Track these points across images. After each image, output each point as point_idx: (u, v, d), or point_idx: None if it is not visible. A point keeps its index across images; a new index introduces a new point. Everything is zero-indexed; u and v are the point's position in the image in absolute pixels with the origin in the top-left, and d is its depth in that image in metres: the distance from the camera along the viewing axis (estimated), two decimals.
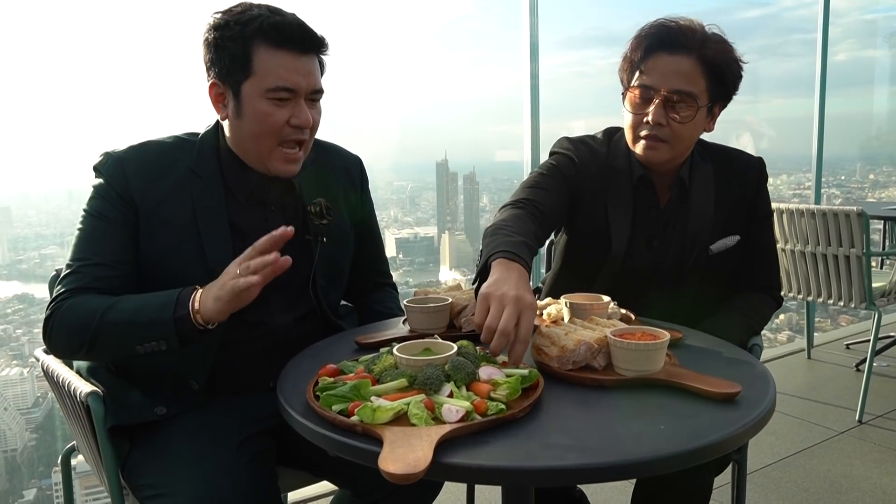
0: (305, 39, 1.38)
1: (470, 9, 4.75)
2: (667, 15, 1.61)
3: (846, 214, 3.07)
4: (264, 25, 1.35)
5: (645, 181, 1.70)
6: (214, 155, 1.48)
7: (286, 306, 1.54)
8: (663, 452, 0.92)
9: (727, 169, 1.72)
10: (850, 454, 2.88)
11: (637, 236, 1.70)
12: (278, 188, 1.51)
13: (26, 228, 3.73)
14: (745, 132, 5.68)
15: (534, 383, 1.10)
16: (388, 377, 1.09)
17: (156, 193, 1.42)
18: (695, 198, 1.69)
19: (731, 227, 1.69)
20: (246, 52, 1.36)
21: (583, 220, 1.74)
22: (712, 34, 1.60)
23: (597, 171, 1.72)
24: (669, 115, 1.57)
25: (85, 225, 1.41)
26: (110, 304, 1.30)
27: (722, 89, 1.61)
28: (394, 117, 4.16)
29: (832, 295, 3.25)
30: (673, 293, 1.69)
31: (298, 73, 1.38)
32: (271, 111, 1.38)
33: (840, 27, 5.50)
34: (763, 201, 1.73)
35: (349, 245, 1.65)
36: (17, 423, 3.28)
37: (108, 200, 1.41)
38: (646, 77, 1.59)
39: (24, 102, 3.03)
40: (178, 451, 1.36)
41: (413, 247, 5.06)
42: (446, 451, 0.92)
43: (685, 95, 1.56)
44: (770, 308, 1.74)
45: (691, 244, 1.68)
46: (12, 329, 3.44)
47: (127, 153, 1.44)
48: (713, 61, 1.57)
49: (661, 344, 1.16)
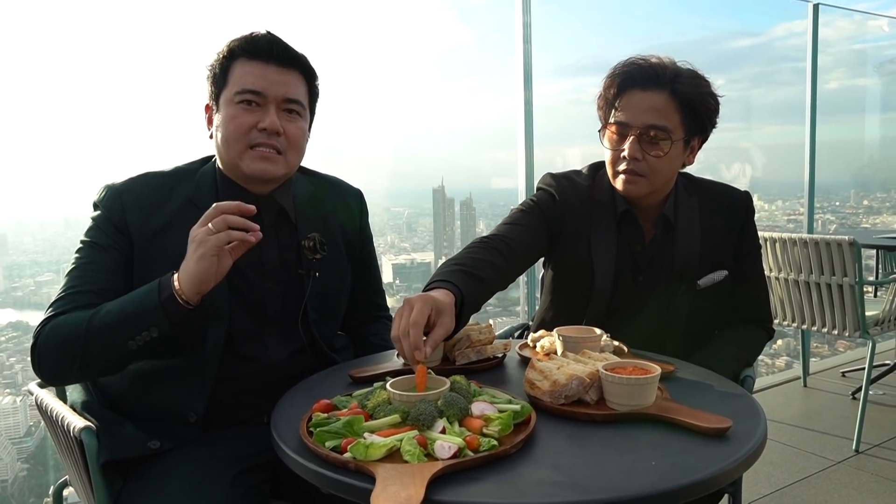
0: (275, 50, 1.45)
1: (467, 38, 4.80)
2: (639, 53, 1.65)
3: (838, 244, 3.10)
4: (240, 41, 1.46)
5: (628, 216, 1.71)
6: (213, 185, 1.50)
7: (280, 341, 1.54)
8: (654, 489, 0.92)
9: (713, 203, 1.74)
10: (847, 484, 2.87)
11: (622, 271, 1.71)
12: (271, 217, 1.52)
13: (22, 255, 3.68)
14: (738, 159, 5.73)
15: (526, 419, 1.11)
16: (382, 413, 1.09)
17: (153, 225, 1.44)
18: (680, 233, 1.70)
19: (718, 261, 1.70)
20: (226, 67, 1.46)
21: (566, 255, 1.76)
22: (685, 70, 1.63)
23: (579, 206, 1.73)
24: (645, 150, 1.60)
25: (79, 254, 1.43)
26: (94, 312, 1.31)
27: (697, 123, 1.64)
28: (391, 144, 4.19)
29: (826, 323, 3.27)
30: (662, 328, 1.70)
31: (266, 80, 1.43)
32: (238, 114, 1.43)
33: (831, 56, 5.58)
34: (750, 235, 1.75)
35: (345, 279, 1.65)
36: (9, 453, 3.22)
37: (103, 231, 1.43)
38: (621, 114, 1.62)
39: (21, 129, 3.05)
40: (171, 486, 1.35)
41: (410, 273, 5.06)
42: (438, 488, 0.92)
43: (659, 130, 1.59)
44: (762, 340, 1.75)
45: (678, 279, 1.69)
46: (5, 357, 3.38)
47: (126, 185, 1.47)
48: (685, 95, 1.59)
49: (652, 378, 1.17)
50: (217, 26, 3.03)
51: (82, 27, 3.02)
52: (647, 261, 1.72)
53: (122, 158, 3.05)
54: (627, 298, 1.71)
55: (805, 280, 3.28)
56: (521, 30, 3.27)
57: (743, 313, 1.75)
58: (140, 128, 3.11)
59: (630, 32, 5.30)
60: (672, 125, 1.60)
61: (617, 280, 1.70)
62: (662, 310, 1.70)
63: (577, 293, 1.75)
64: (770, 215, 5.86)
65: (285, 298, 1.54)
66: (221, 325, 1.44)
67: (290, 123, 1.46)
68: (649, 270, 1.72)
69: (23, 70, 2.97)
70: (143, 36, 3.07)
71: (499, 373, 1.47)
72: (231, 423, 1.49)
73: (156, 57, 3.09)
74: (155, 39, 3.08)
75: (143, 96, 3.12)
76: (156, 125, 3.10)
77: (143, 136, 3.09)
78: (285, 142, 1.45)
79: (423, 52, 4.28)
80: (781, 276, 3.38)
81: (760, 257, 1.81)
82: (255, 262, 1.50)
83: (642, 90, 1.60)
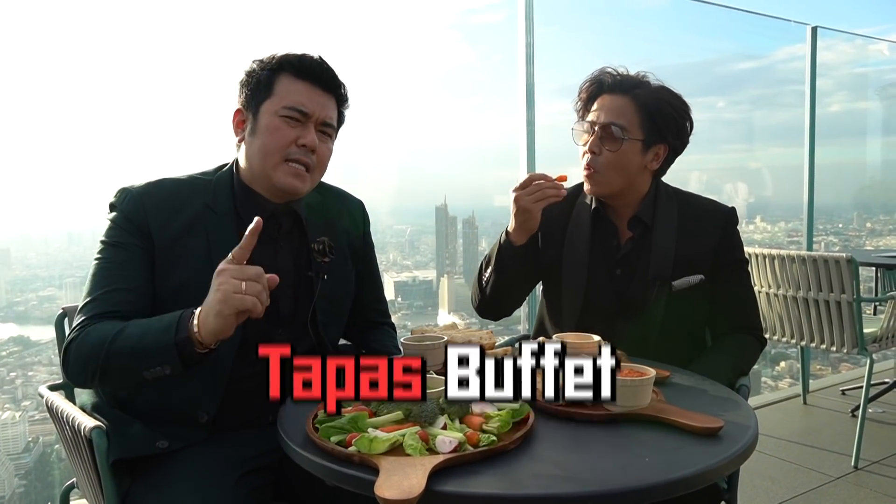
0: (323, 75, 1.53)
1: (471, 58, 4.87)
2: (609, 66, 1.84)
3: (836, 260, 3.14)
4: (290, 58, 1.52)
5: (599, 214, 1.86)
6: (230, 192, 1.56)
7: (289, 342, 1.58)
8: (647, 482, 0.96)
9: (694, 212, 1.85)
10: (846, 500, 2.89)
11: (597, 263, 1.83)
12: (289, 222, 1.58)
13: (25, 270, 3.70)
14: (740, 180, 5.79)
15: (524, 417, 1.15)
16: (385, 410, 1.13)
17: (173, 229, 1.48)
18: (657, 235, 1.81)
19: (694, 266, 1.79)
20: (271, 79, 1.51)
21: (547, 254, 1.88)
22: (654, 82, 1.81)
23: (559, 211, 1.86)
24: (603, 145, 1.77)
25: (102, 255, 1.46)
26: (119, 330, 1.34)
27: (656, 128, 1.77)
28: (394, 162, 4.24)
29: (824, 340, 3.29)
30: (640, 329, 1.78)
31: (312, 101, 1.51)
32: (281, 126, 1.49)
33: (833, 79, 5.65)
34: (732, 246, 1.84)
35: (350, 284, 1.70)
36: (6, 468, 3.21)
37: (126, 231, 1.46)
38: (590, 114, 1.81)
39: (25, 144, 3.10)
40: (178, 485, 1.39)
41: (412, 290, 5.09)
42: (439, 480, 0.96)
43: (617, 127, 1.75)
44: (755, 348, 1.81)
45: (654, 279, 1.78)
46: (6, 372, 3.39)
47: (144, 189, 1.51)
48: (644, 101, 1.76)
49: (647, 380, 1.21)
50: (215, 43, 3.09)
51: (81, 45, 3.08)
52: (622, 257, 1.83)
53: (125, 174, 3.08)
54: (605, 292, 1.81)
55: (804, 297, 3.31)
56: (524, 50, 3.33)
57: (734, 323, 1.82)
58: (143, 144, 3.16)
59: (632, 54, 5.38)
60: (629, 125, 1.75)
61: (592, 271, 1.82)
62: (640, 307, 1.79)
63: (557, 289, 1.86)
64: (773, 237, 5.89)
65: (297, 301, 1.59)
66: (237, 330, 1.47)
67: (323, 144, 1.54)
68: (626, 265, 1.83)
69: (27, 88, 3.03)
70: (144, 53, 3.13)
71: None
72: (238, 424, 1.53)
73: (158, 77, 3.15)
74: (155, 58, 3.14)
75: (145, 112, 3.17)
76: (159, 141, 3.15)
77: (145, 152, 3.14)
78: (315, 160, 1.52)
79: (427, 71, 4.35)
80: (780, 292, 3.41)
81: (747, 269, 1.89)
82: (272, 266, 1.55)
83: (609, 94, 1.79)
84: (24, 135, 3.09)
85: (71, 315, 1.76)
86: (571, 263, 1.84)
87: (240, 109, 1.55)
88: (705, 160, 5.92)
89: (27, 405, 3.35)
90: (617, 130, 1.75)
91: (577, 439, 1.13)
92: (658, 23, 5.39)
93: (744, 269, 1.87)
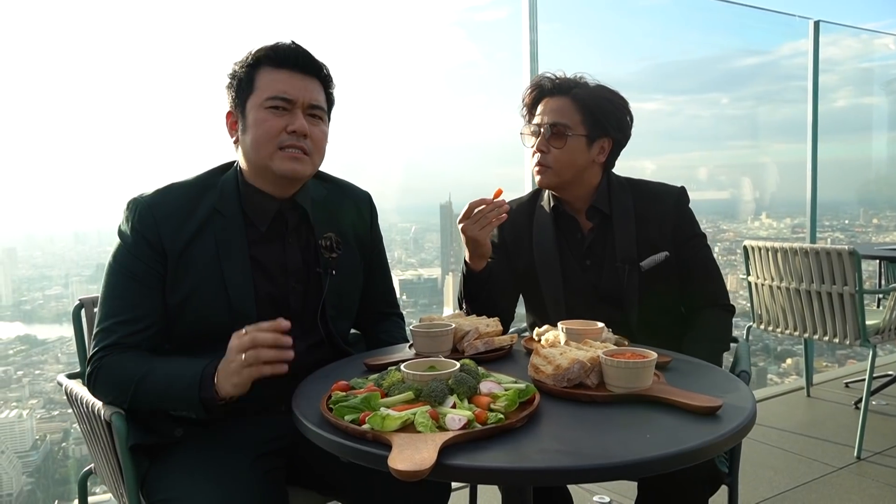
0: (300, 60, 1.55)
1: (475, 55, 4.89)
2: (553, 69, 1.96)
3: (838, 253, 3.17)
4: (266, 50, 1.54)
5: (558, 211, 1.97)
6: (236, 192, 1.58)
7: (298, 335, 1.61)
8: (647, 456, 1.00)
9: (646, 197, 1.95)
10: (848, 490, 2.92)
11: (567, 259, 1.95)
12: (294, 218, 1.61)
13: (31, 269, 3.65)
14: (745, 177, 5.81)
15: (530, 397, 1.19)
16: (396, 391, 1.18)
17: (184, 235, 1.50)
18: (616, 222, 1.93)
19: (656, 246, 1.89)
20: (251, 75, 1.54)
21: (521, 258, 1.99)
22: (591, 83, 1.92)
23: (522, 218, 2.01)
24: (550, 144, 1.88)
25: (114, 279, 1.50)
26: (143, 375, 1.41)
27: (597, 124, 1.88)
28: (398, 160, 4.27)
29: (827, 332, 3.33)
30: (620, 309, 1.88)
31: (294, 87, 1.53)
32: (268, 117, 1.52)
33: (838, 74, 5.66)
34: (687, 222, 1.95)
35: (358, 277, 1.74)
36: (14, 466, 3.20)
37: (135, 255, 1.49)
38: (535, 118, 1.93)
39: (30, 143, 3.12)
40: (194, 466, 1.45)
41: (417, 288, 5.12)
42: (450, 455, 1.01)
43: (561, 126, 1.87)
44: (725, 319, 1.92)
45: (623, 263, 1.89)
46: (13, 370, 3.38)
47: (154, 198, 1.53)
48: (583, 99, 1.88)
49: (649, 362, 1.26)
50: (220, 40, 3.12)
51: (85, 43, 3.10)
52: (589, 246, 1.94)
53: (130, 173, 3.08)
54: (579, 284, 1.92)
55: (806, 289, 3.34)
56: (528, 48, 3.37)
57: (699, 298, 1.93)
58: (148, 143, 3.18)
59: (635, 51, 5.41)
60: (572, 123, 1.87)
61: (564, 266, 1.94)
62: (616, 291, 1.89)
63: (538, 292, 1.96)
64: (778, 233, 5.91)
65: (306, 296, 1.63)
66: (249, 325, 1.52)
67: (315, 127, 1.56)
68: (593, 255, 1.93)
69: (31, 87, 3.06)
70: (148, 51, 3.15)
71: (505, 362, 1.55)
72: (252, 411, 1.57)
73: (162, 76, 3.17)
74: (159, 56, 3.16)
75: (150, 111, 3.19)
76: (163, 140, 3.17)
77: (151, 151, 3.16)
78: (311, 144, 1.55)
79: (431, 69, 4.37)
80: (783, 285, 3.45)
81: (706, 244, 1.99)
82: (281, 264, 1.59)
83: (550, 97, 1.91)
84: (30, 134, 3.12)
85: (88, 307, 1.81)
86: (544, 265, 1.95)
87: (230, 112, 1.58)
88: (709, 157, 5.95)
89: (34, 403, 3.37)
90: (561, 129, 1.86)
91: (580, 418, 1.17)
92: (661, 19, 5.41)
93: (703, 243, 1.98)
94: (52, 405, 3.34)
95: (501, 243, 2.00)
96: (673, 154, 5.40)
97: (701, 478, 1.60)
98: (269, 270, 1.58)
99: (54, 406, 3.34)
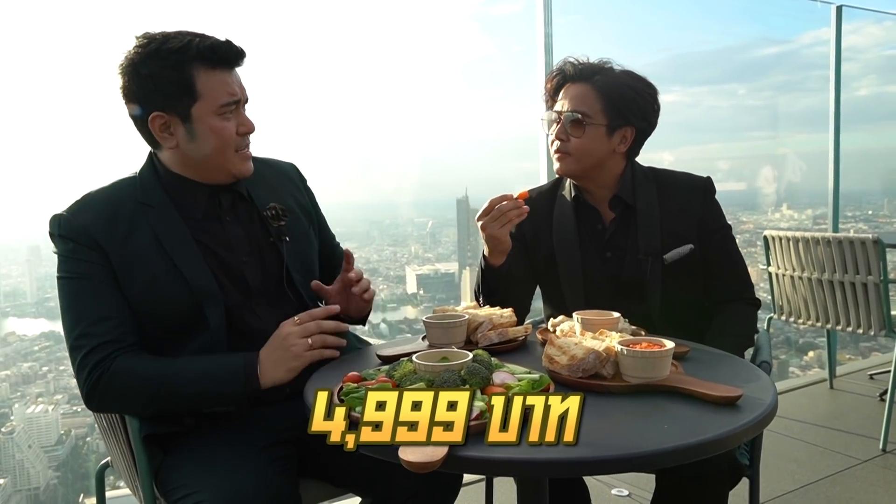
0: (232, 56, 1.49)
1: (490, 49, 4.87)
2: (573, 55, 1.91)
3: (862, 241, 3.11)
4: (201, 49, 1.44)
5: (580, 201, 1.93)
6: (158, 184, 1.56)
7: (270, 309, 1.61)
8: (664, 447, 0.98)
9: (671, 188, 1.91)
10: (874, 483, 2.87)
11: (587, 250, 1.91)
12: (228, 199, 1.60)
13: (55, 267, 3.79)
14: (765, 166, 5.73)
15: (545, 388, 1.17)
16: (408, 381, 1.16)
17: (117, 234, 1.49)
18: (640, 214, 1.88)
19: (681, 238, 1.85)
20: (186, 77, 1.44)
21: (542, 248, 1.95)
22: (610, 68, 1.88)
23: (546, 205, 1.97)
24: (570, 132, 1.84)
25: (67, 289, 1.48)
26: (168, 375, 1.42)
27: (618, 112, 1.83)
28: (415, 155, 4.26)
29: (850, 322, 3.26)
30: (642, 306, 1.83)
31: (237, 86, 1.51)
32: (224, 125, 1.49)
33: (861, 63, 5.55)
34: (713, 214, 1.90)
35: (313, 241, 1.74)
36: (41, 460, 3.25)
37: (79, 258, 1.47)
38: (556, 104, 1.89)
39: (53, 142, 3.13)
40: (206, 455, 1.45)
41: (433, 283, 5.11)
42: (461, 446, 0.99)
43: (580, 114, 1.83)
44: (751, 314, 1.87)
45: (646, 255, 1.84)
46: (38, 366, 3.44)
47: (74, 209, 1.52)
48: (604, 86, 1.83)
49: (666, 352, 1.23)
50: None
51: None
52: (610, 237, 1.90)
53: None
54: (600, 276, 1.88)
55: (829, 279, 3.28)
56: (543, 41, 3.35)
57: (724, 292, 1.88)
58: None
59: (652, 42, 5.35)
60: (592, 111, 1.83)
61: (584, 258, 1.90)
62: (637, 284, 1.85)
63: (557, 283, 1.93)
64: (800, 224, 5.83)
65: (264, 268, 1.62)
66: (218, 301, 1.52)
67: (250, 119, 1.55)
68: (615, 247, 1.89)
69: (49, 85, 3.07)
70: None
71: (520, 353, 1.53)
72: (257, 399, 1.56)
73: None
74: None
75: None
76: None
77: None
78: None
79: (447, 63, 4.36)
80: (805, 275, 3.39)
81: (731, 236, 1.94)
82: (223, 241, 1.59)
83: (572, 83, 1.87)
84: (53, 132, 3.14)
85: None
86: (564, 254, 1.91)
87: (158, 114, 1.47)
88: (728, 148, 5.87)
89: (59, 399, 3.42)
90: (580, 117, 1.82)
91: (595, 409, 1.15)
92: (678, 9, 5.34)
93: (729, 235, 1.93)
94: (76, 400, 3.38)
95: (520, 236, 1.96)
96: (692, 146, 5.34)
97: (721, 470, 1.56)
98: (214, 249, 1.57)
99: (78, 401, 3.37)
